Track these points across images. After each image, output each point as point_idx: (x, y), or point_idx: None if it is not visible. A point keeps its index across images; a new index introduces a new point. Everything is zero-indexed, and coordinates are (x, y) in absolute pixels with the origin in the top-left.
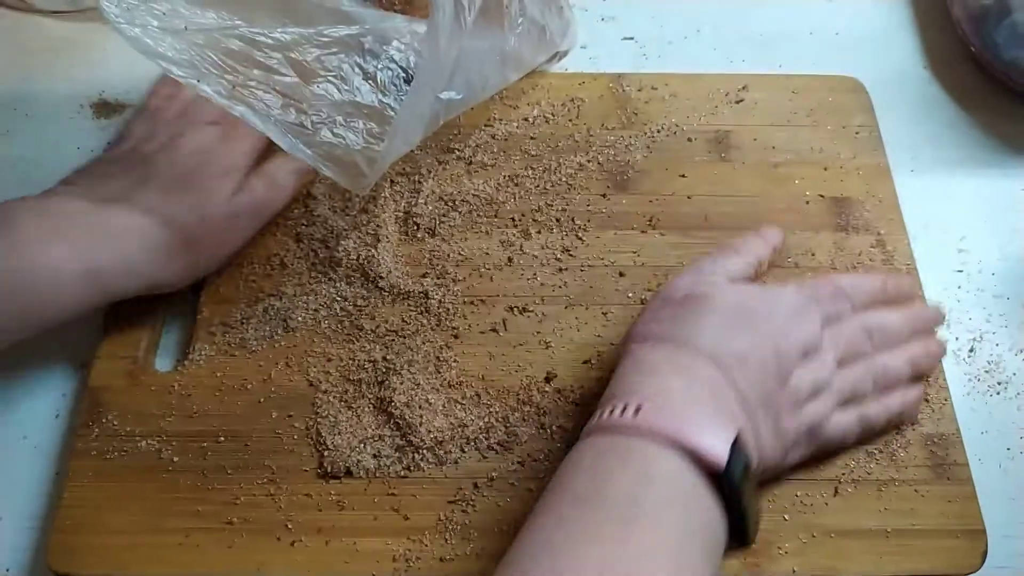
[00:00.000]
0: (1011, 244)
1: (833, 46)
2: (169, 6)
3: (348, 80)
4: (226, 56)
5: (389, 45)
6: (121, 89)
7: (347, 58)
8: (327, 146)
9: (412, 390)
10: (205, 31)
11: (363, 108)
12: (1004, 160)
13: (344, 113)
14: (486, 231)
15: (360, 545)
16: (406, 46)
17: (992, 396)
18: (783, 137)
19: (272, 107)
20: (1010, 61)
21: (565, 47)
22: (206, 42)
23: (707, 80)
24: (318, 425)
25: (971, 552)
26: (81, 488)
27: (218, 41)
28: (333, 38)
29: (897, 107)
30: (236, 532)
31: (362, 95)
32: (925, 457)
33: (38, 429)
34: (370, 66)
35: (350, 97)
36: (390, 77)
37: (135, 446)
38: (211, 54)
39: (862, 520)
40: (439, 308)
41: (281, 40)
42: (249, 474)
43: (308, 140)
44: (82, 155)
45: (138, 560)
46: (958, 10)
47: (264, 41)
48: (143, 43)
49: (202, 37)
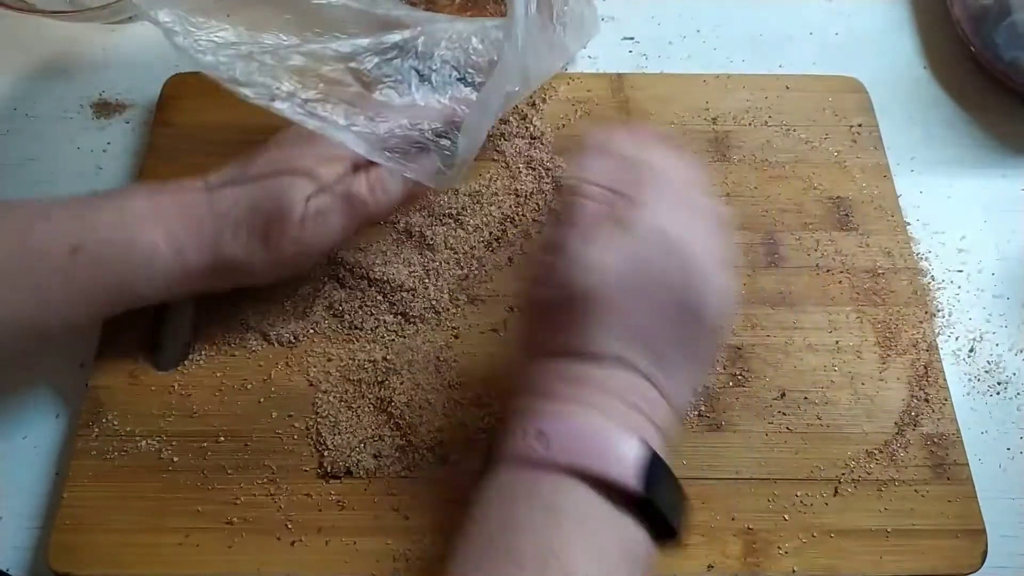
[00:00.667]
0: (1011, 244)
1: (833, 46)
2: (234, 32)
3: (407, 84)
4: (294, 73)
5: (438, 46)
6: (121, 89)
7: (403, 63)
8: (400, 150)
9: (412, 390)
10: (270, 51)
11: (423, 110)
12: (1004, 160)
13: (408, 116)
14: (486, 230)
15: (360, 545)
16: (454, 46)
17: (992, 396)
18: (783, 137)
19: (341, 118)
20: (1010, 61)
21: (595, 31)
22: (274, 62)
23: (707, 80)
24: (318, 425)
25: (971, 552)
26: (81, 488)
27: (284, 60)
28: (390, 44)
29: (897, 107)
30: (236, 532)
31: (420, 97)
32: (925, 457)
33: (38, 429)
34: (424, 68)
35: (410, 100)
36: (444, 77)
37: (135, 446)
38: (280, 73)
39: (862, 520)
40: (438, 307)
41: (341, 52)
42: (249, 474)
43: (382, 145)
44: (82, 154)
45: (138, 559)
46: (958, 10)
47: (327, 54)
48: (220, 71)
49: (269, 58)
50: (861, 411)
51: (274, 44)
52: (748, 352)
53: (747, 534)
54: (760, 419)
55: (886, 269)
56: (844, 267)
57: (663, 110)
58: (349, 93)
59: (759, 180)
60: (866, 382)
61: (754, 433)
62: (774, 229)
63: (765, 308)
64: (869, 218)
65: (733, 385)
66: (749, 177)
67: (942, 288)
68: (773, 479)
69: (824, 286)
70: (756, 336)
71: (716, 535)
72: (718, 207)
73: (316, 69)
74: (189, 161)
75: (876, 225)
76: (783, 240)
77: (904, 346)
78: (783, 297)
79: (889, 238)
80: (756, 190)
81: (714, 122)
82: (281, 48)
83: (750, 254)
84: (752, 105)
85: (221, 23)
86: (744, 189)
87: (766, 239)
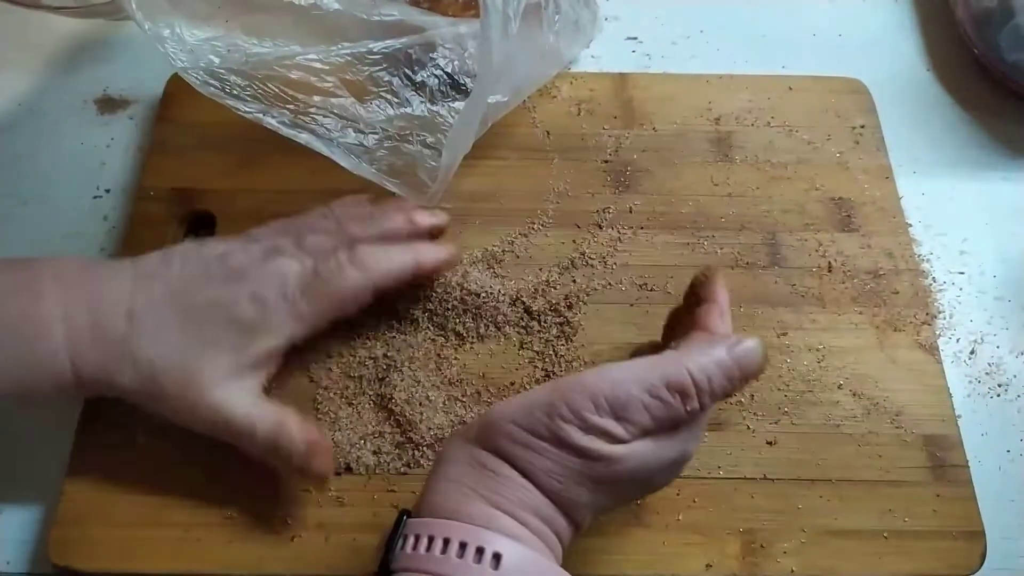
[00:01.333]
0: (1012, 246)
1: (836, 47)
2: (230, 40)
3: (398, 94)
4: (286, 86)
5: (435, 52)
6: (124, 85)
7: (396, 71)
8: (387, 162)
9: (412, 387)
10: (264, 62)
11: (415, 120)
12: (1006, 163)
13: (397, 128)
14: (487, 229)
15: (360, 541)
16: (450, 51)
17: (992, 398)
18: (785, 138)
19: (332, 130)
20: (1013, 64)
21: (595, 33)
22: (266, 75)
23: (710, 80)
24: (319, 421)
25: (970, 554)
26: (82, 482)
27: (277, 71)
28: (382, 54)
29: (899, 109)
30: (236, 527)
31: (413, 107)
32: (925, 458)
33: (39, 424)
34: (418, 76)
35: (401, 111)
36: (437, 84)
37: (135, 440)
38: (272, 86)
39: (861, 521)
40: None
41: (335, 62)
42: (249, 469)
43: (369, 158)
44: (85, 150)
45: (138, 554)
46: (961, 12)
47: (319, 67)
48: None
49: (263, 70)
50: (861, 411)
51: (270, 53)
52: None
53: (746, 534)
54: (760, 419)
55: (887, 270)
56: (845, 268)
57: (666, 110)
58: (340, 105)
59: (761, 180)
60: (866, 383)
61: (754, 433)
62: (776, 229)
63: (765, 308)
64: (871, 219)
65: None
66: (751, 177)
67: (943, 290)
68: (773, 479)
69: (825, 287)
70: (756, 336)
71: (715, 534)
72: None
73: (309, 80)
74: (192, 157)
75: (878, 226)
76: (785, 240)
77: (905, 347)
78: (784, 297)
79: (891, 239)
80: (758, 190)
81: (716, 122)
82: (275, 59)
83: (751, 254)
84: (755, 106)
85: (217, 30)
86: (746, 189)
87: (768, 239)
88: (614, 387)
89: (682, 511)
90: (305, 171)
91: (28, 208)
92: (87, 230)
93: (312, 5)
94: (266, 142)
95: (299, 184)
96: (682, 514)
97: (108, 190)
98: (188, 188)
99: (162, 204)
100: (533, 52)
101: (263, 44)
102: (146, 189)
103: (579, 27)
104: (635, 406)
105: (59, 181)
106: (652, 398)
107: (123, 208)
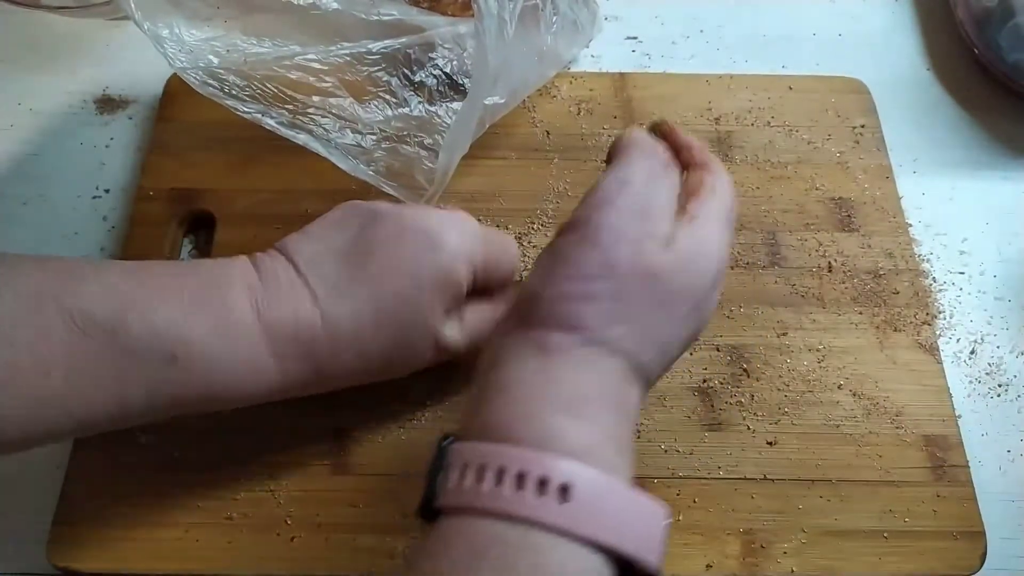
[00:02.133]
0: (1012, 246)
1: (836, 47)
2: (229, 40)
3: (397, 94)
4: (285, 86)
5: (434, 52)
6: (125, 85)
7: (394, 71)
8: (385, 164)
9: (418, 384)
10: (264, 62)
11: (413, 121)
12: (1006, 162)
13: (395, 129)
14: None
15: (359, 541)
16: (449, 51)
17: (993, 398)
18: (785, 137)
19: (330, 131)
20: (1013, 64)
21: (595, 33)
22: (265, 75)
23: (709, 80)
24: (320, 420)
25: (970, 554)
26: (81, 482)
27: (276, 72)
28: (381, 54)
29: (899, 108)
30: (236, 527)
31: (411, 107)
32: (925, 459)
33: None
34: (417, 76)
35: (399, 111)
36: (435, 84)
37: (135, 440)
38: (271, 86)
39: (861, 521)
40: None
41: (334, 63)
42: (249, 469)
43: (367, 160)
44: (85, 150)
45: (138, 554)
46: (961, 12)
47: (318, 67)
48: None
49: (262, 70)
50: (861, 411)
51: (269, 53)
52: (748, 352)
53: (746, 534)
54: (760, 419)
55: (887, 270)
56: (845, 268)
57: (665, 110)
58: (339, 105)
59: (761, 180)
60: (866, 383)
61: (754, 433)
62: (776, 229)
63: (765, 308)
64: (871, 219)
65: (733, 385)
66: (751, 177)
67: (943, 290)
68: (772, 479)
69: (825, 287)
70: (756, 336)
71: (715, 535)
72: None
73: (308, 80)
74: (191, 157)
75: (878, 226)
76: (784, 240)
77: (905, 347)
78: (784, 297)
79: (891, 239)
80: (758, 190)
81: (716, 122)
82: (274, 59)
83: (751, 254)
84: (755, 105)
85: (216, 30)
86: (746, 189)
87: (768, 239)
88: (622, 195)
89: (682, 511)
90: (305, 171)
91: (28, 208)
92: (87, 230)
93: (311, 5)
94: (265, 142)
95: (299, 184)
96: (682, 514)
97: (108, 190)
98: (188, 188)
99: (162, 204)
100: (531, 53)
101: (262, 44)
102: (146, 189)
103: (578, 27)
104: (654, 192)
105: (59, 181)
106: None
107: (123, 208)
